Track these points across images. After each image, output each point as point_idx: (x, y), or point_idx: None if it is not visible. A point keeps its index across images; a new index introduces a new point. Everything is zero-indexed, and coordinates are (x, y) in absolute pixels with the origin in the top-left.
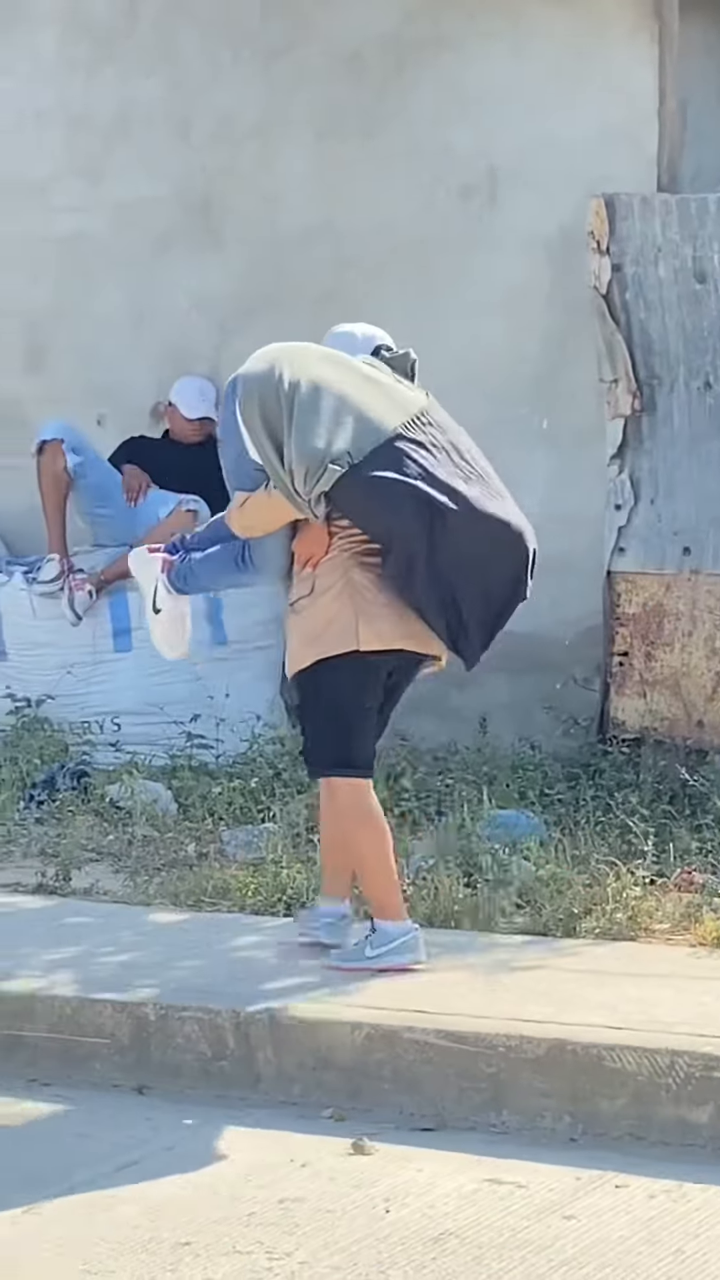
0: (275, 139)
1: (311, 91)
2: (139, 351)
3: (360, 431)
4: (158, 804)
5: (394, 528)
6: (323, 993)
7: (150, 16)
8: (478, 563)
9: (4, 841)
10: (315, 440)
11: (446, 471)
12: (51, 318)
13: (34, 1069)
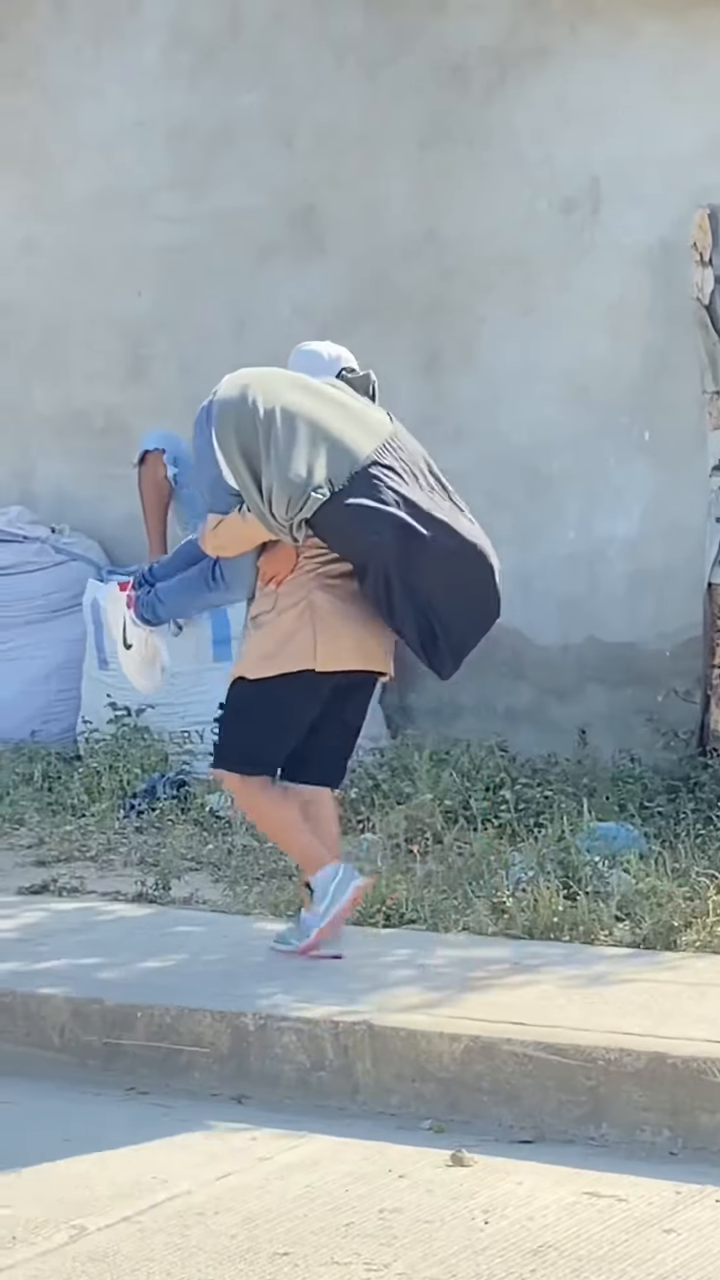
0: (378, 149)
1: (415, 102)
2: (240, 362)
3: (337, 459)
4: None
5: (372, 552)
6: (421, 1004)
7: (253, 27)
8: (452, 583)
9: (104, 850)
10: (297, 469)
11: (418, 495)
12: (153, 328)
13: (133, 1078)
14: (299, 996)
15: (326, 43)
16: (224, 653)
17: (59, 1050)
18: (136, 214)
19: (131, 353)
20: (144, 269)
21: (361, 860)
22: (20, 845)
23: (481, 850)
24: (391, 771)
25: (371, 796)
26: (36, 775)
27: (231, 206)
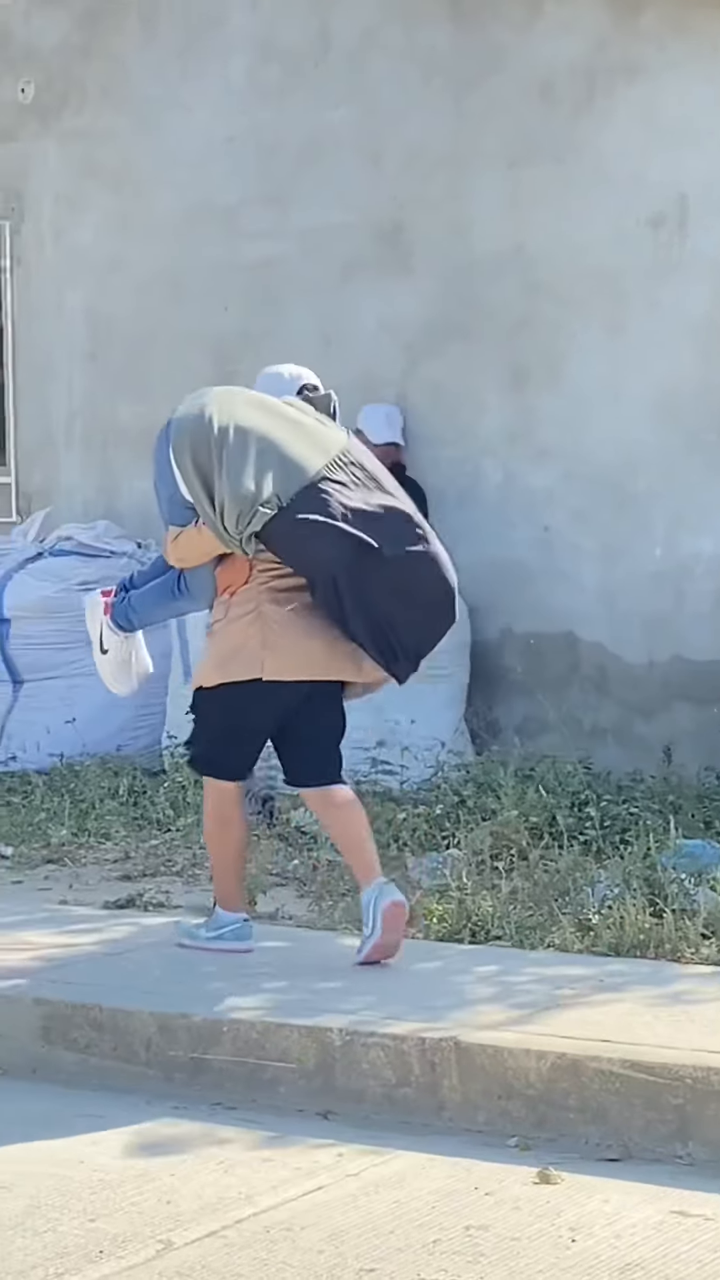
0: (466, 166)
1: (503, 119)
2: (326, 377)
3: (286, 475)
4: None
5: (320, 564)
6: (507, 1021)
7: (342, 45)
8: (405, 591)
9: (190, 865)
10: (246, 484)
11: (368, 507)
12: (239, 344)
13: (219, 1093)
14: (384, 1012)
15: (415, 60)
16: None
17: (145, 1065)
18: (224, 230)
19: (218, 368)
20: (231, 285)
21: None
22: (106, 859)
23: (567, 867)
24: (477, 787)
25: (457, 813)
26: (122, 790)
27: (319, 223)
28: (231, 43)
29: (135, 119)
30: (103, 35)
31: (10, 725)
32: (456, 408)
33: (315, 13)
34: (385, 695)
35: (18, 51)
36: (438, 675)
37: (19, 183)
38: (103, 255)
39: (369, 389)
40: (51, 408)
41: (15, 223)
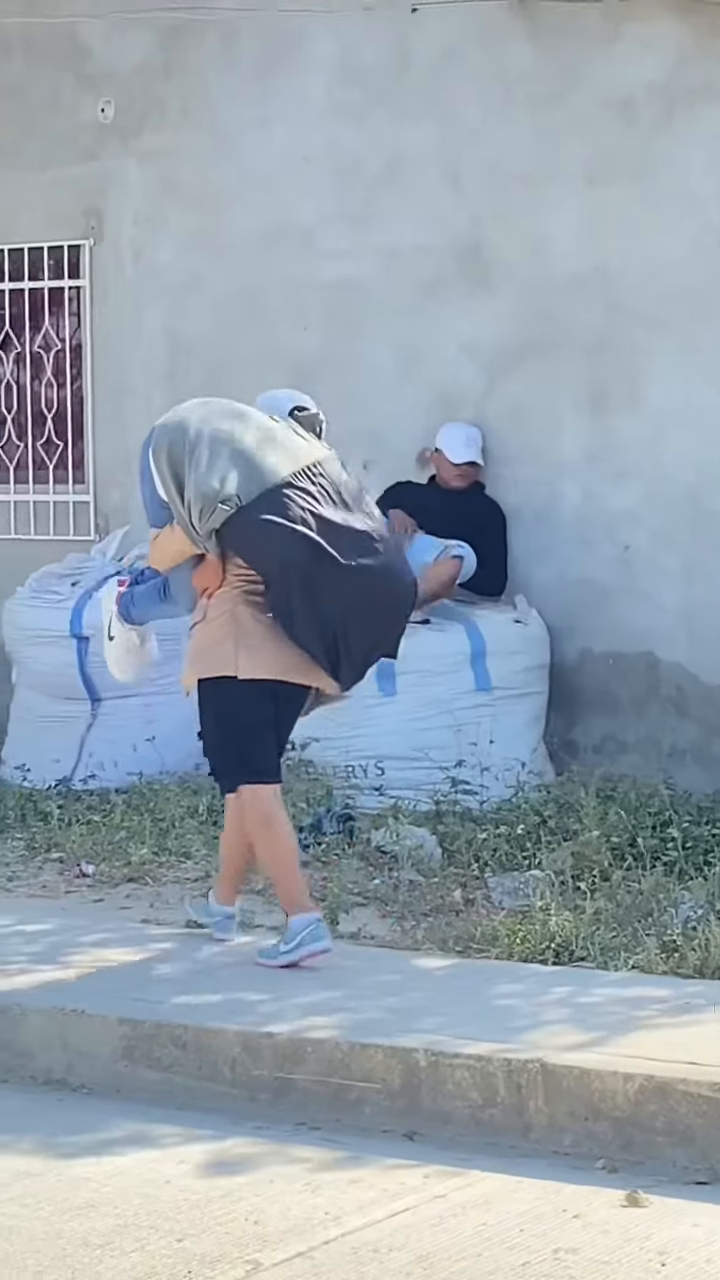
0: (546, 185)
1: (582, 138)
2: (405, 397)
3: (250, 477)
4: (423, 849)
5: (274, 565)
6: (593, 1042)
7: (421, 63)
8: (357, 602)
9: (271, 884)
10: (210, 481)
11: (331, 515)
12: (318, 363)
13: (303, 1112)
14: (468, 1033)
15: (495, 78)
16: (389, 688)
17: (230, 1084)
18: (303, 249)
19: (296, 387)
20: (310, 304)
21: (527, 897)
22: (187, 878)
23: (650, 888)
24: (557, 808)
25: (537, 833)
26: (201, 808)
27: (398, 242)
28: (311, 61)
29: (214, 138)
30: (183, 54)
31: (90, 743)
32: (535, 427)
33: (395, 31)
34: (465, 715)
35: (98, 71)
36: (518, 695)
37: (98, 202)
38: (181, 274)
39: (448, 408)
40: (129, 427)
41: (95, 242)
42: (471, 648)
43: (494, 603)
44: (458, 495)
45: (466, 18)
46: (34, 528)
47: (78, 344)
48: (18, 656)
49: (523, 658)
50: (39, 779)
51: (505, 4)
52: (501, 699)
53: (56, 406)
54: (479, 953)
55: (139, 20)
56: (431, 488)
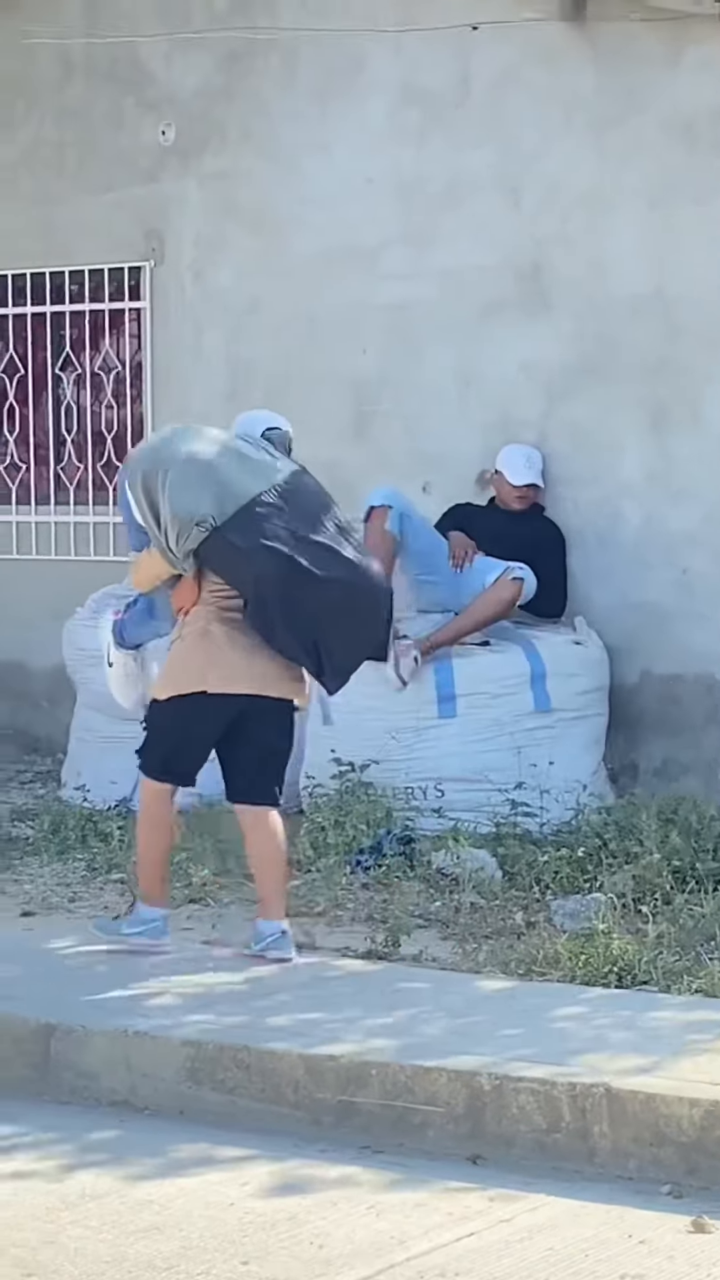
0: (607, 207)
1: (643, 160)
2: (465, 418)
3: (222, 497)
4: (484, 871)
5: (251, 582)
6: (658, 1066)
7: (482, 85)
8: (334, 610)
9: (332, 906)
10: (185, 505)
11: (304, 531)
12: (378, 385)
13: (367, 1135)
14: (533, 1056)
15: (556, 100)
16: (448, 710)
17: (293, 1106)
18: (363, 271)
19: (356, 410)
20: (369, 326)
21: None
22: (249, 900)
23: (712, 911)
24: (618, 830)
25: (598, 855)
26: None
27: (458, 264)
28: (372, 84)
29: (275, 160)
30: (243, 77)
31: None
32: (596, 449)
33: (456, 54)
34: (525, 737)
35: (159, 94)
36: (577, 717)
37: (159, 224)
38: (242, 296)
39: (508, 430)
40: None
41: (155, 264)
42: (531, 670)
43: (554, 625)
44: (518, 517)
45: (526, 39)
46: (94, 549)
47: (138, 366)
48: (78, 677)
49: (582, 680)
50: (99, 799)
51: (565, 25)
52: (561, 721)
53: (116, 428)
54: (541, 975)
55: (200, 43)
56: (491, 509)
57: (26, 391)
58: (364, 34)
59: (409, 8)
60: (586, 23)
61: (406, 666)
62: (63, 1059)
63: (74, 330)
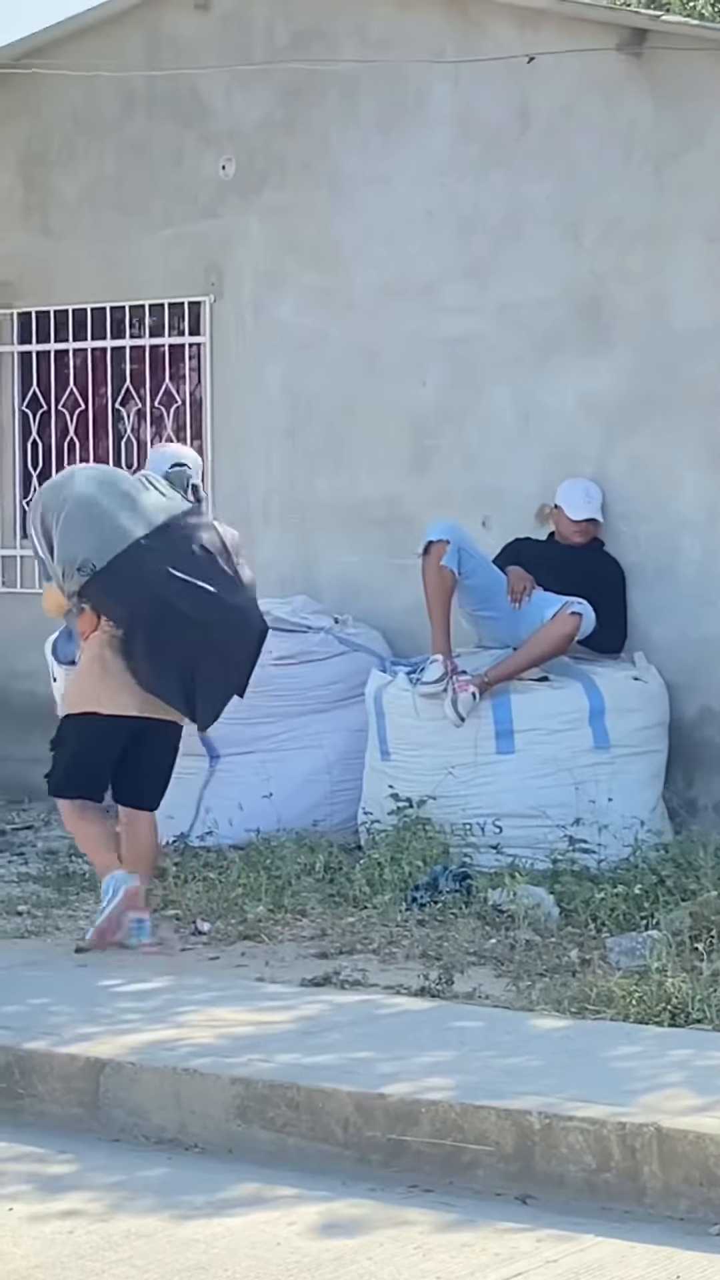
0: (666, 241)
1: (703, 194)
2: (524, 453)
3: (103, 542)
4: (540, 908)
5: (125, 621)
6: (709, 1105)
7: (541, 120)
8: (205, 651)
9: (386, 942)
10: (68, 550)
11: (181, 571)
12: (437, 419)
13: (416, 1174)
14: (583, 1095)
15: (615, 134)
16: (506, 746)
17: (342, 1145)
18: (423, 305)
19: (415, 443)
20: (429, 360)
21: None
22: (303, 936)
23: None
24: (675, 867)
25: (655, 892)
26: (318, 866)
27: (518, 298)
28: (432, 117)
29: (335, 194)
30: (303, 111)
31: (206, 799)
32: (655, 483)
33: (515, 87)
34: (583, 773)
35: (219, 128)
36: (636, 753)
37: (220, 258)
38: (302, 330)
39: (568, 465)
40: (249, 483)
41: (216, 298)
42: (590, 705)
43: (613, 660)
44: (577, 552)
45: (584, 70)
46: None
47: (198, 400)
48: None
49: (641, 715)
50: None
51: (624, 57)
52: (620, 757)
53: None
54: (594, 1014)
55: (260, 76)
56: (550, 544)
57: (88, 426)
58: (422, 66)
59: (467, 39)
60: (645, 54)
61: (465, 702)
62: (112, 1096)
63: (134, 365)
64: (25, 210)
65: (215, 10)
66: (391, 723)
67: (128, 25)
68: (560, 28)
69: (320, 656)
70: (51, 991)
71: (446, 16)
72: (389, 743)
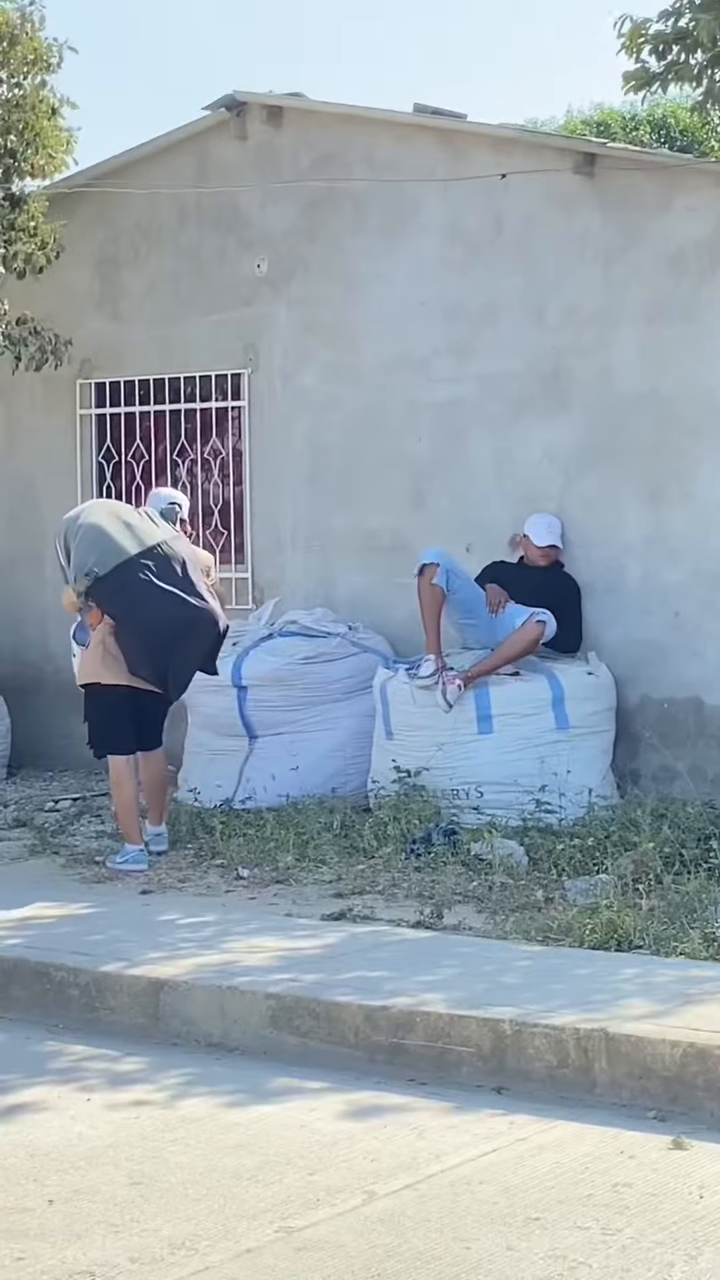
0: (612, 323)
1: (642, 285)
2: (500, 493)
3: (106, 554)
4: (512, 857)
5: (117, 615)
6: (647, 1014)
7: (512, 226)
8: (174, 640)
9: (390, 885)
10: (80, 559)
11: (165, 582)
12: (430, 467)
13: (413, 1071)
14: (546, 1006)
15: (571, 238)
16: (486, 727)
17: (353, 1048)
18: (418, 376)
19: (413, 486)
20: (423, 420)
21: (596, 896)
22: (323, 880)
23: (695, 890)
24: (621, 825)
25: (605, 844)
26: (335, 824)
27: (493, 370)
28: (425, 225)
29: (347, 287)
30: (322, 221)
31: (247, 772)
32: (604, 517)
33: (490, 201)
34: (547, 749)
35: (255, 235)
36: (590, 733)
37: (255, 339)
38: (321, 396)
39: (534, 502)
40: (279, 518)
41: (252, 370)
42: (553, 694)
43: (571, 658)
44: (542, 572)
45: (547, 187)
46: None
47: (238, 453)
48: (191, 702)
49: (594, 703)
50: (207, 800)
51: (579, 176)
52: (577, 736)
53: (222, 502)
54: (556, 942)
55: (288, 193)
56: (520, 566)
57: (151, 474)
58: (417, 184)
59: (453, 163)
60: (596, 174)
61: (452, 693)
62: (170, 1009)
63: (188, 425)
64: (100, 301)
65: (251, 140)
66: (394, 709)
67: (181, 152)
68: (527, 153)
69: (337, 656)
70: (122, 925)
71: (437, 144)
72: (392, 725)
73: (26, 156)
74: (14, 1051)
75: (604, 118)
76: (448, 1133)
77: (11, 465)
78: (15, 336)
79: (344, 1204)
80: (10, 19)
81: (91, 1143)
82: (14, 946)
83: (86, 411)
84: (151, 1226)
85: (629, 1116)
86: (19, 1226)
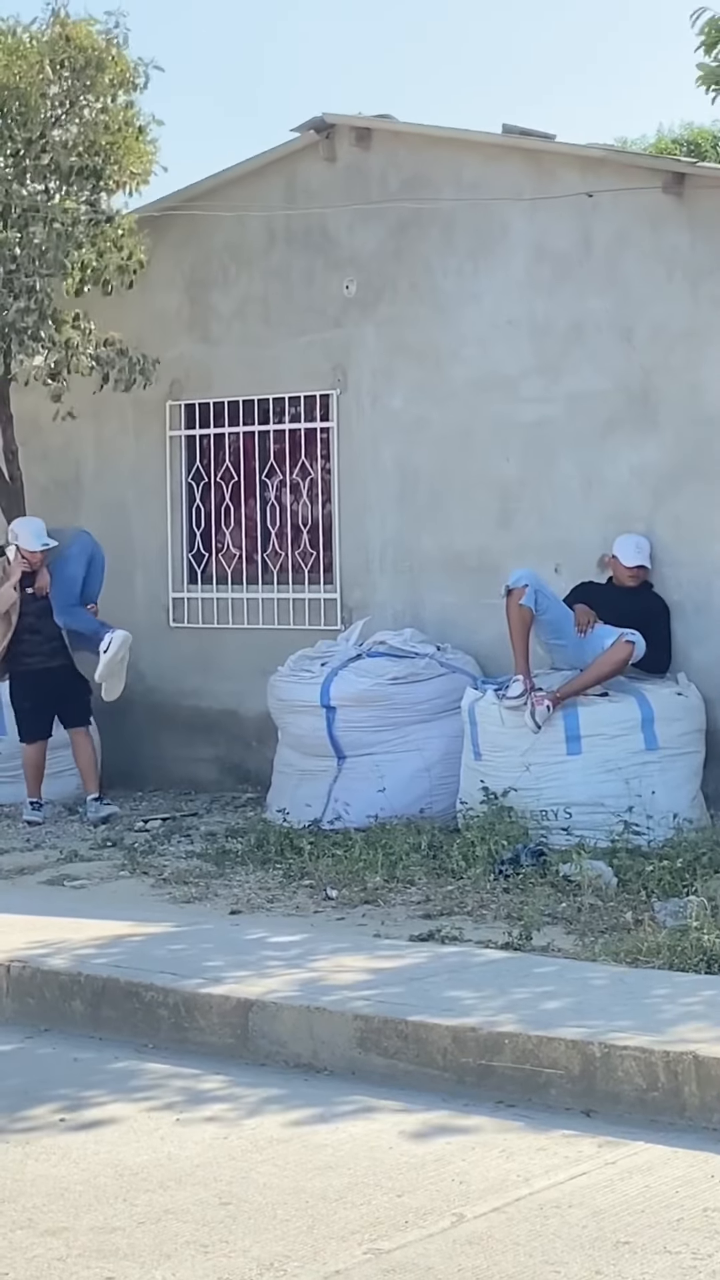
0: (701, 342)
1: None
2: (588, 513)
3: None
4: (601, 879)
5: None
6: None
7: (601, 245)
8: None
9: (478, 906)
10: None
11: None
12: (518, 486)
13: (500, 1093)
14: (636, 1028)
15: (660, 257)
16: (575, 748)
17: (441, 1069)
18: (506, 396)
19: (501, 506)
20: (511, 440)
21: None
22: (411, 901)
23: None
24: (711, 846)
25: (694, 866)
26: (424, 845)
27: (582, 389)
28: (513, 245)
29: (435, 307)
30: (410, 242)
31: (335, 792)
32: (693, 536)
33: (579, 220)
34: (636, 770)
35: (343, 256)
36: (679, 754)
37: (344, 360)
38: (409, 417)
39: (623, 522)
40: (368, 539)
41: (341, 391)
42: (641, 715)
43: (660, 679)
44: (630, 592)
45: (635, 206)
46: (292, 619)
47: (327, 473)
48: (280, 722)
49: (683, 724)
50: (295, 820)
51: (667, 195)
52: (666, 757)
53: (310, 523)
54: (645, 964)
55: (376, 214)
56: (609, 586)
57: (240, 494)
58: (505, 204)
59: (540, 182)
60: (685, 193)
61: (541, 713)
62: (259, 1029)
63: (277, 445)
64: (190, 323)
65: (340, 162)
66: (482, 730)
67: (270, 175)
68: (616, 172)
69: (425, 677)
70: (210, 944)
71: (524, 164)
72: (480, 746)
73: (113, 174)
74: (104, 1070)
75: (694, 137)
76: (536, 1155)
77: (102, 486)
78: (103, 357)
79: (432, 1226)
80: (96, 43)
81: (180, 1163)
82: (104, 966)
83: (176, 433)
84: (240, 1247)
85: (718, 1141)
86: (108, 1246)
